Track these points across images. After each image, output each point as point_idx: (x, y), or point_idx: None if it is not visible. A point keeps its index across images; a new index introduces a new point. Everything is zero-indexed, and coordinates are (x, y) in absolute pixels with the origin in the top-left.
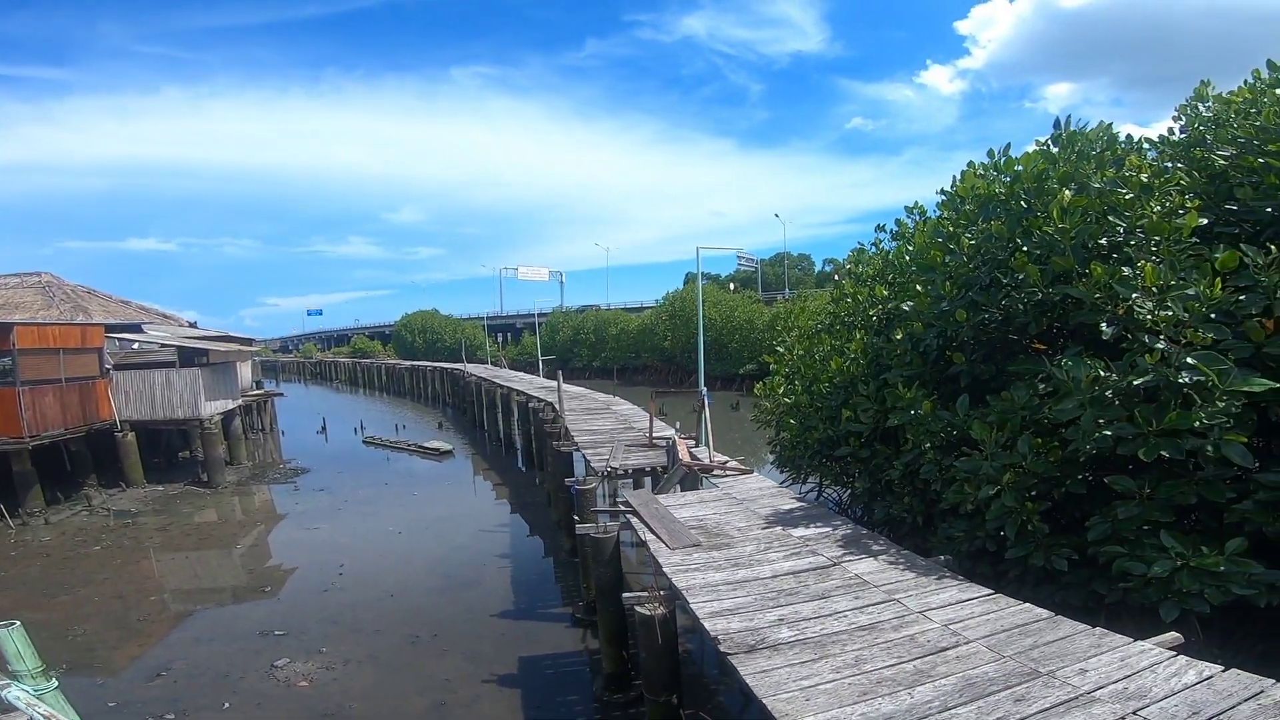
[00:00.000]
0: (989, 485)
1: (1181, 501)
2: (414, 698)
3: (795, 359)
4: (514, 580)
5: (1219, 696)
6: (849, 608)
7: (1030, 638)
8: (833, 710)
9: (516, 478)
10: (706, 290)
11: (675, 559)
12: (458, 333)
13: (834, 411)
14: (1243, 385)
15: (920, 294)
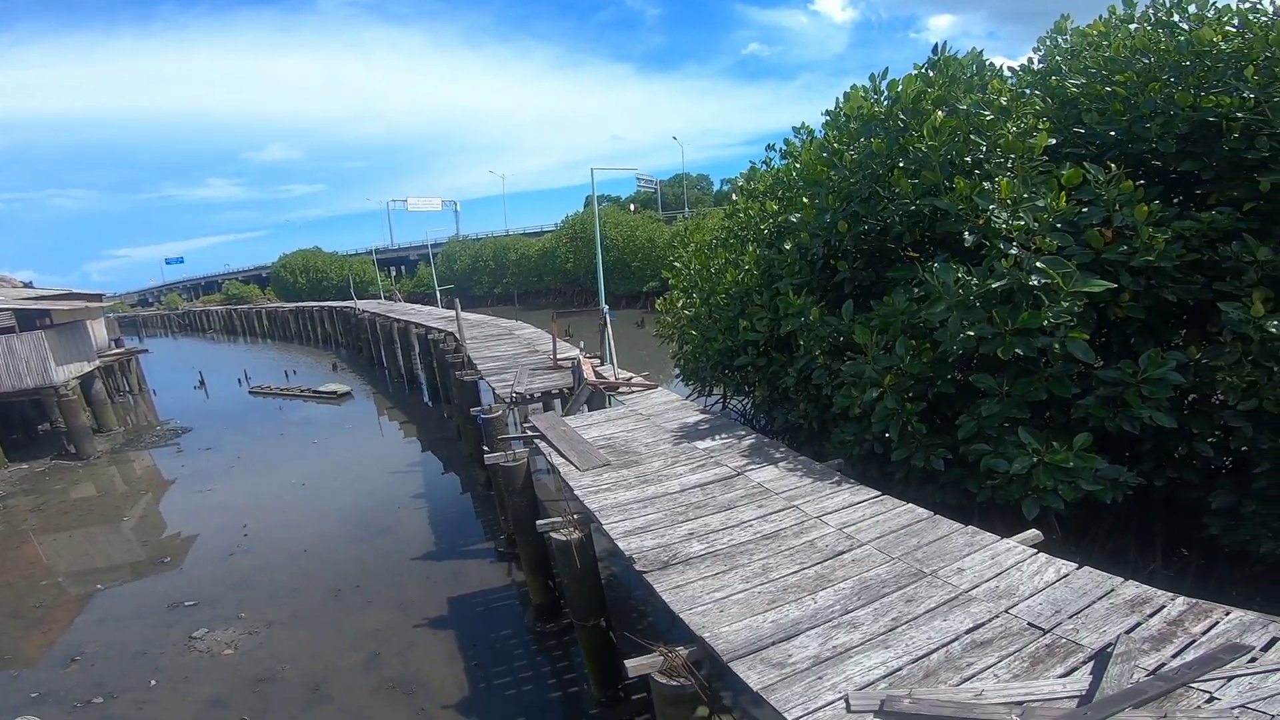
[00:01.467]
0: (872, 388)
1: (1035, 398)
2: (347, 652)
3: (693, 273)
4: (432, 520)
5: (1076, 594)
6: (754, 517)
7: (914, 538)
8: (746, 620)
9: (424, 413)
10: (607, 212)
11: (586, 481)
12: (345, 269)
13: (731, 322)
14: (1084, 287)
15: (807, 206)
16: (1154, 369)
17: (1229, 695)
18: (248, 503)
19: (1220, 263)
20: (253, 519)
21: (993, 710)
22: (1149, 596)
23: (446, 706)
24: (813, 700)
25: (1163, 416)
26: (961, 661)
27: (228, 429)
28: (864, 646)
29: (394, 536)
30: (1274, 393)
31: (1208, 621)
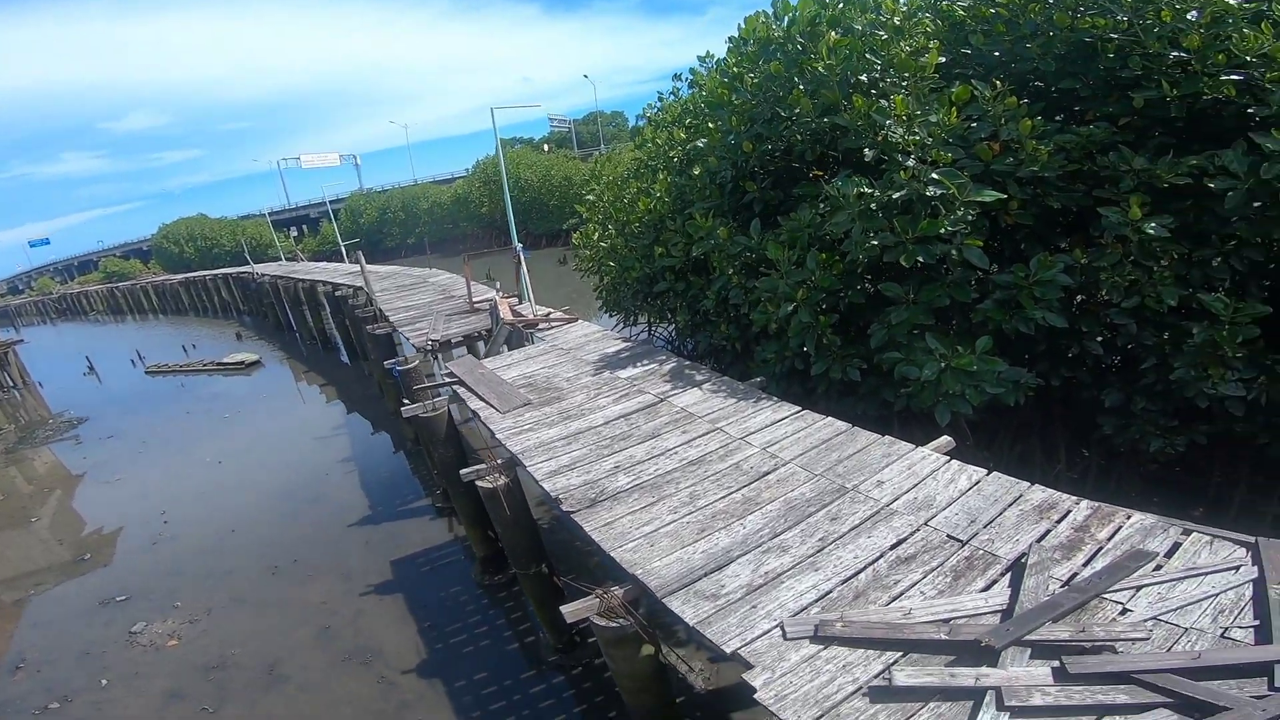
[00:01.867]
0: (787, 303)
1: (939, 304)
2: (296, 629)
3: (606, 205)
4: (365, 483)
5: (988, 502)
6: (679, 443)
7: (835, 452)
8: (677, 552)
9: (344, 374)
10: (521, 153)
11: (507, 423)
12: (237, 234)
13: (647, 250)
14: (976, 196)
15: (712, 130)
16: (1043, 272)
17: (1140, 606)
18: (162, 488)
19: (1099, 172)
20: (171, 504)
21: (921, 630)
22: (1055, 501)
23: (406, 671)
24: (749, 630)
25: (1054, 317)
26: (889, 579)
27: (128, 414)
28: (794, 571)
29: (326, 505)
30: (1154, 291)
31: (1111, 526)
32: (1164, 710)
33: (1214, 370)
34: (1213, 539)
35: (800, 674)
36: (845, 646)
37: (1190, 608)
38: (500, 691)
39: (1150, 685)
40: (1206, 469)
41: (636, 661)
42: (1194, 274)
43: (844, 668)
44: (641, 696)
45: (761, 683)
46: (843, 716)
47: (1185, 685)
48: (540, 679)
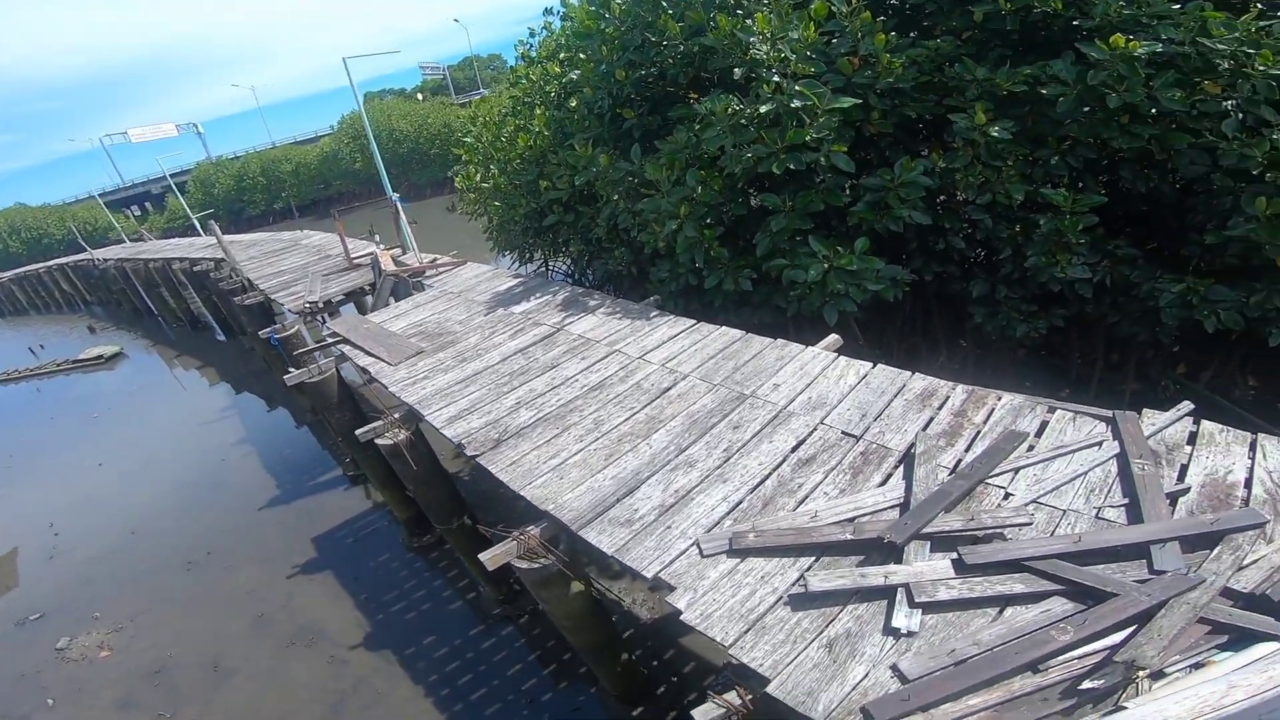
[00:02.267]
0: (671, 220)
1: (814, 209)
2: (229, 621)
3: (486, 145)
4: (267, 463)
5: (876, 394)
6: (578, 370)
7: (731, 360)
8: (587, 481)
9: (223, 352)
10: (393, 104)
11: (400, 374)
12: (67, 220)
13: (532, 185)
14: (835, 104)
15: (584, 62)
16: (906, 174)
17: (1020, 490)
18: (44, 501)
19: (948, 83)
20: (57, 516)
21: (829, 532)
22: (935, 388)
23: (354, 647)
24: (666, 552)
25: (919, 215)
26: (793, 483)
27: None
28: (704, 485)
29: (230, 491)
30: (1003, 188)
31: (986, 409)
32: (1058, 598)
33: (1061, 256)
34: (1075, 415)
35: (722, 590)
36: (761, 557)
37: (1064, 488)
38: (452, 651)
39: (1041, 573)
40: (1068, 350)
41: (568, 600)
42: (1037, 172)
43: (763, 579)
44: (583, 634)
45: (685, 604)
46: (768, 628)
47: (1073, 571)
48: (489, 633)
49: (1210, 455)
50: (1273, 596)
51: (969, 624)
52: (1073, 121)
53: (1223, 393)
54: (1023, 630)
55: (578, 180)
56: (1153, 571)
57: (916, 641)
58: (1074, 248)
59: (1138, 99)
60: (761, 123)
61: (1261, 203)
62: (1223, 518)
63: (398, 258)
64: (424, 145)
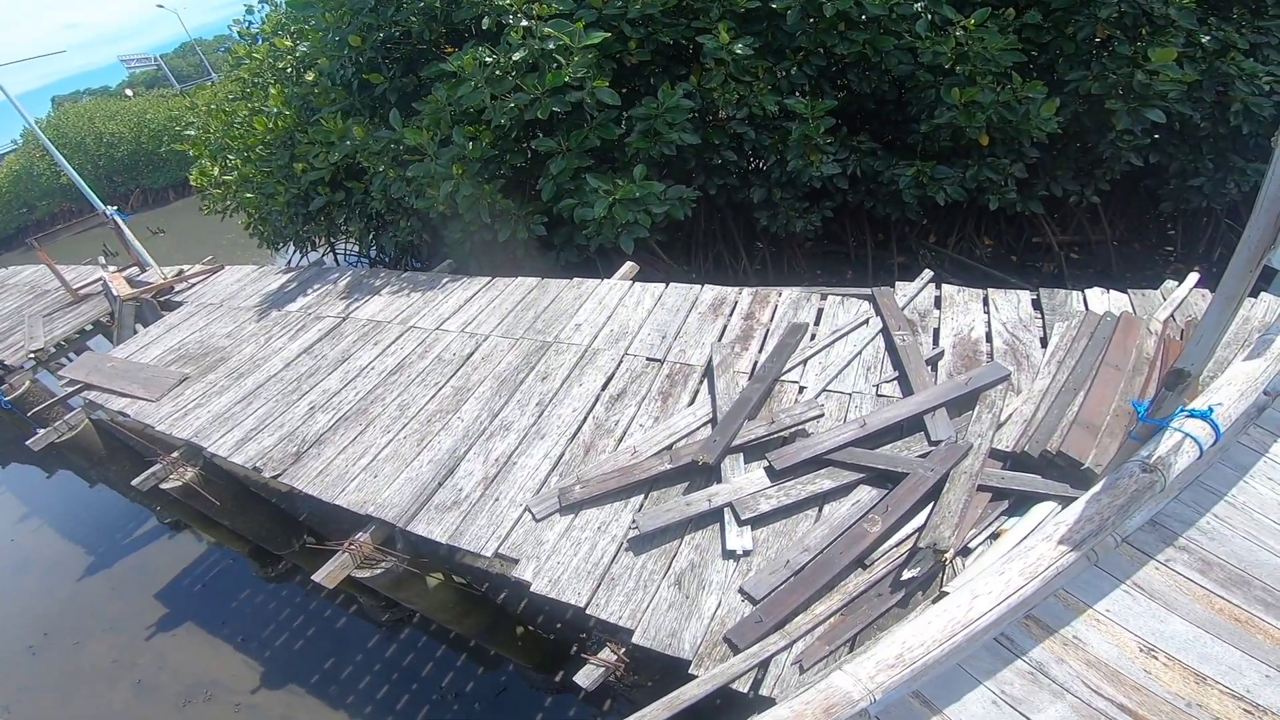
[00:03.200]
0: (445, 182)
1: (590, 145)
2: (108, 693)
3: (216, 135)
4: (68, 531)
5: (672, 314)
6: (372, 357)
7: (530, 310)
8: (403, 473)
9: None
10: (95, 104)
11: (166, 409)
12: None
13: (286, 169)
14: (588, 40)
15: (309, 32)
16: (668, 99)
17: (810, 381)
18: None
19: (694, 5)
20: None
21: (650, 465)
22: (724, 296)
23: (256, 690)
24: (500, 526)
25: (688, 136)
26: (609, 422)
27: None
28: (523, 446)
29: (35, 570)
30: (757, 101)
31: (769, 307)
32: (863, 486)
33: (814, 157)
34: (843, 298)
35: (563, 552)
36: (593, 507)
37: (845, 372)
38: (358, 668)
39: (842, 463)
40: (843, 238)
41: (430, 595)
42: (783, 83)
43: (600, 529)
44: (465, 621)
45: (531, 573)
46: (618, 579)
47: (867, 457)
48: (388, 639)
49: (954, 316)
50: (1031, 453)
51: (795, 530)
52: (802, 33)
53: (966, 254)
54: (841, 527)
55: (334, 156)
56: (931, 443)
57: (754, 559)
58: (823, 148)
59: (848, 5)
60: (519, 70)
61: (956, 92)
62: (974, 375)
63: (134, 278)
64: (148, 145)
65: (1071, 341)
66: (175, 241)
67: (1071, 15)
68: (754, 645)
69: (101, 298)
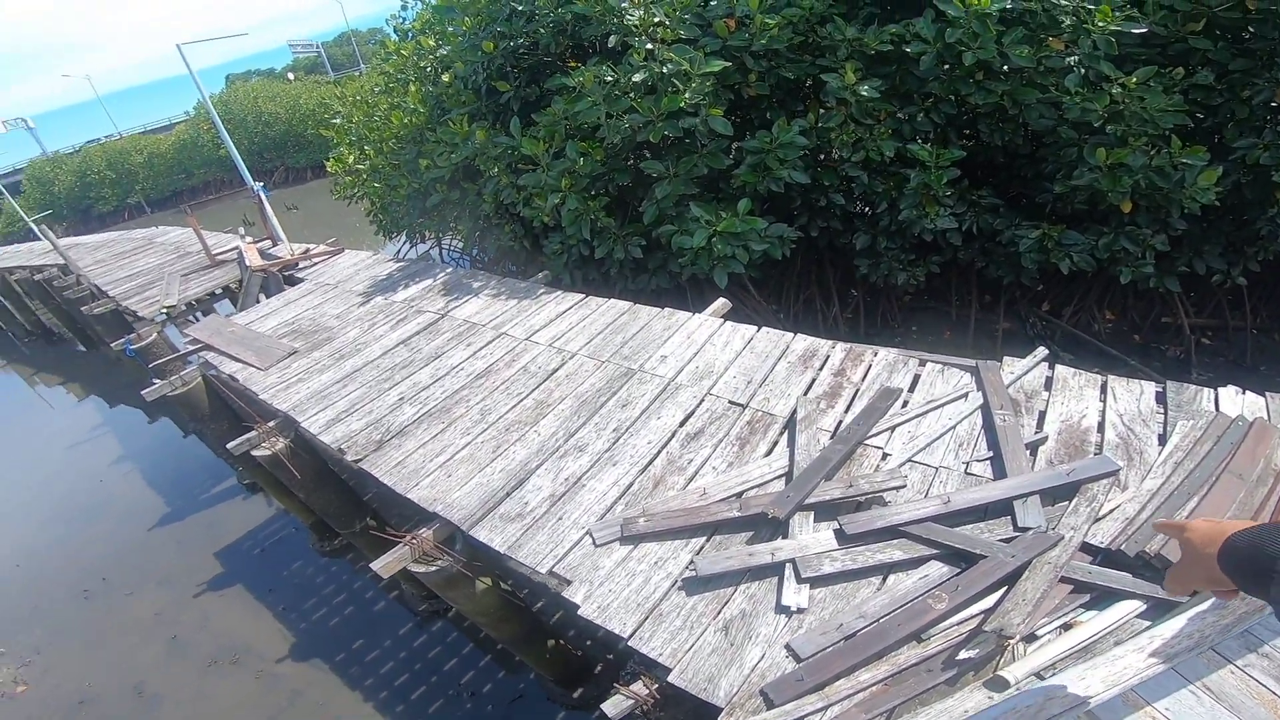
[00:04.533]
0: (553, 194)
1: (697, 174)
2: (142, 648)
3: (357, 125)
4: (151, 480)
5: (760, 359)
6: (463, 358)
7: (619, 334)
8: (475, 477)
9: (88, 365)
10: (260, 85)
11: (272, 379)
12: None
13: (412, 164)
14: (707, 68)
15: (450, 35)
16: (784, 135)
17: (896, 449)
18: None
19: (821, 43)
20: None
21: (717, 509)
22: (815, 348)
23: (282, 659)
24: (559, 545)
25: (798, 174)
26: (682, 459)
27: None
28: (594, 470)
29: (113, 514)
30: (875, 145)
31: (863, 366)
32: (934, 562)
33: (930, 208)
34: (944, 367)
35: (617, 580)
36: (653, 541)
37: (936, 444)
38: (384, 653)
39: (917, 537)
40: (947, 295)
41: (477, 598)
42: (905, 128)
43: (656, 564)
44: (503, 627)
45: (581, 597)
46: (665, 615)
47: (945, 534)
48: (419, 630)
49: (1065, 400)
50: (1127, 551)
51: (855, 595)
52: (935, 79)
53: (1083, 327)
54: (904, 599)
55: (456, 157)
56: (1017, 528)
57: (807, 618)
58: (941, 199)
59: (990, 55)
60: (637, 91)
61: (1102, 153)
62: (1078, 467)
63: (265, 251)
64: (298, 127)
65: (1194, 444)
66: (304, 219)
67: (1250, 78)
68: (790, 703)
69: (234, 265)
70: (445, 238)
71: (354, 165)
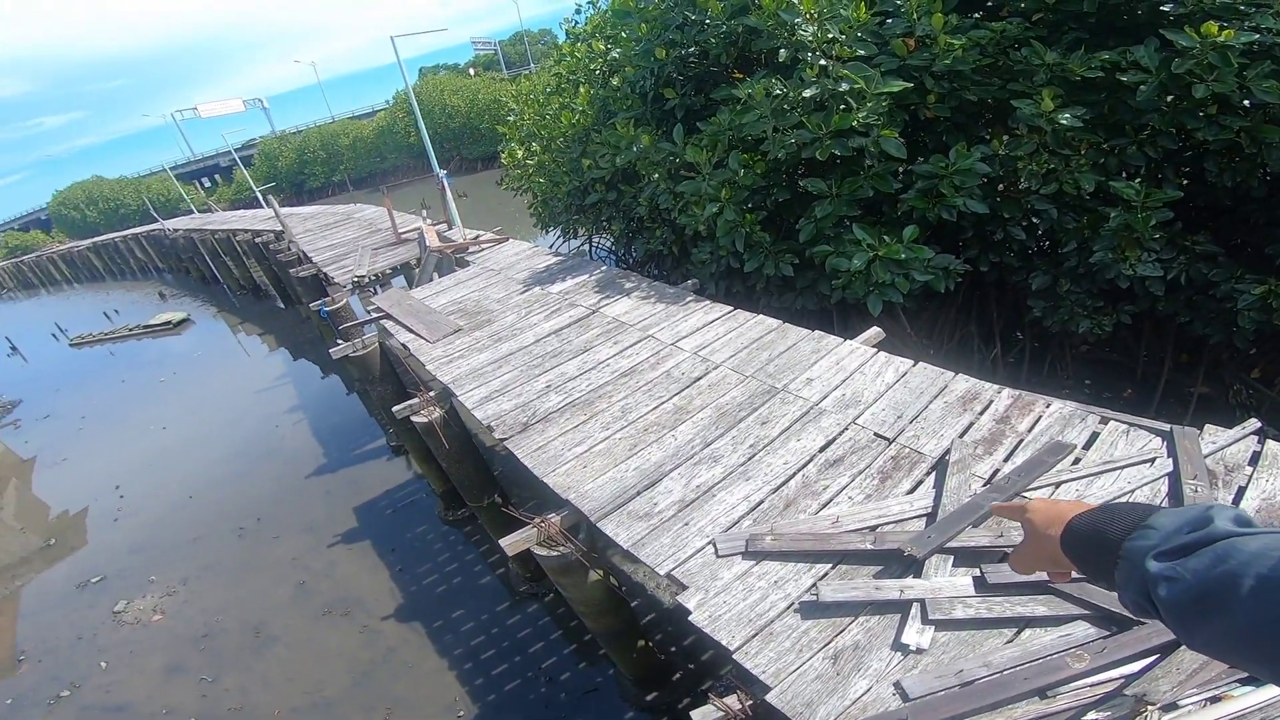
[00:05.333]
0: (711, 203)
1: (862, 195)
2: (273, 589)
3: (528, 122)
4: (316, 431)
5: (914, 395)
6: (610, 355)
7: (765, 351)
8: (609, 471)
9: (281, 321)
10: (445, 79)
11: (437, 352)
12: (141, 192)
13: (575, 163)
14: (885, 87)
15: (624, 40)
16: (962, 160)
17: None
18: (111, 462)
19: (1014, 66)
20: (123, 478)
21: (849, 540)
22: (978, 391)
23: (386, 617)
24: (682, 550)
25: (975, 204)
26: (818, 485)
27: (60, 390)
28: (726, 481)
29: (280, 458)
30: (1071, 177)
31: (1032, 416)
32: (1081, 622)
33: (1131, 253)
34: (1129, 428)
35: (733, 593)
36: (777, 561)
37: None
38: (478, 626)
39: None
40: (1134, 348)
41: (586, 587)
42: (1110, 161)
43: (776, 584)
44: (601, 620)
45: (695, 604)
46: (775, 635)
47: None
48: (515, 609)
49: (1271, 478)
50: None
51: (982, 644)
52: (1153, 111)
53: None
54: (1037, 654)
55: (619, 160)
56: None
57: (925, 659)
58: (1146, 243)
59: (1229, 89)
60: (806, 107)
61: None
62: None
63: (443, 234)
64: (475, 120)
65: None
66: (471, 207)
67: None
68: None
69: (414, 244)
70: (597, 235)
71: (523, 160)
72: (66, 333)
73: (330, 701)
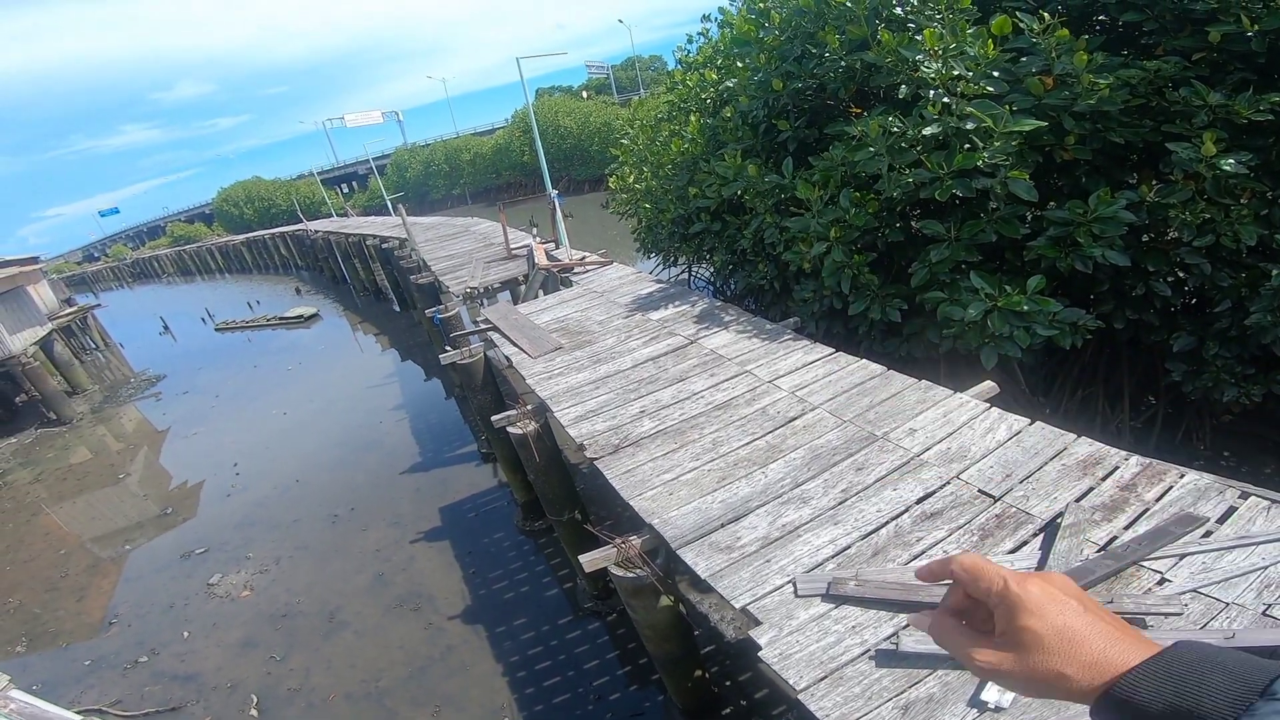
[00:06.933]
0: (819, 242)
1: (984, 240)
2: (353, 576)
3: (641, 148)
4: (415, 430)
5: (1028, 455)
6: (705, 386)
7: (867, 397)
8: (695, 501)
9: (396, 323)
10: (560, 101)
11: (538, 368)
12: (291, 194)
13: (682, 191)
14: (1015, 126)
15: (741, 70)
16: (1104, 207)
17: (1180, 577)
18: (234, 440)
19: (1169, 107)
20: (242, 456)
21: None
22: (1102, 456)
23: (452, 617)
24: (760, 586)
25: (1115, 254)
26: (910, 536)
27: (201, 369)
28: (813, 524)
29: (380, 452)
30: (1230, 229)
31: (1161, 486)
32: None
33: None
34: (1271, 504)
35: (807, 633)
36: (857, 606)
37: (1235, 580)
38: (538, 637)
39: None
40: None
41: (655, 611)
42: (1276, 213)
43: (853, 629)
44: (664, 645)
45: (767, 641)
46: (846, 680)
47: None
48: (576, 624)
49: None
50: None
51: (1069, 708)
52: None
53: None
54: None
55: (726, 191)
56: None
57: (1002, 717)
58: None
59: None
60: (925, 145)
61: None
62: None
63: (550, 252)
64: (585, 142)
65: None
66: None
67: None
68: None
69: (524, 261)
70: (697, 265)
71: (632, 184)
72: (213, 317)
73: (384, 691)
